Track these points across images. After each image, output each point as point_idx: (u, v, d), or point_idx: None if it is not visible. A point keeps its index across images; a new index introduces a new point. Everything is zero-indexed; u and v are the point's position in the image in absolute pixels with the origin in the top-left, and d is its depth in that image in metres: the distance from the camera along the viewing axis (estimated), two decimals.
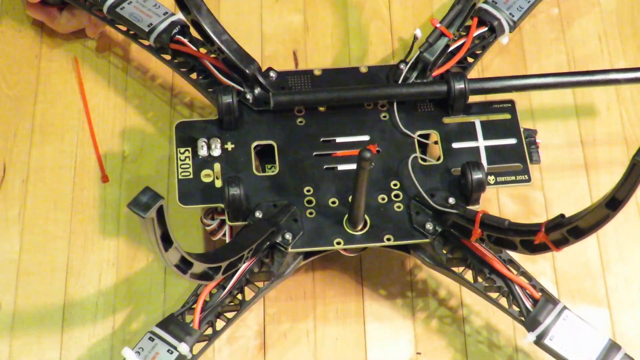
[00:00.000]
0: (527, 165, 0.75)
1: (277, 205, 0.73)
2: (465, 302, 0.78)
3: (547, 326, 0.71)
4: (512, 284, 0.72)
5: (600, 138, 0.86)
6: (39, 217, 0.82)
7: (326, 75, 0.79)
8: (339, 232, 0.73)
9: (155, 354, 0.69)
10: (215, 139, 0.75)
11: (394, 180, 0.75)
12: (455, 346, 0.77)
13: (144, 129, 0.85)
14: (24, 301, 0.78)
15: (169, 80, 0.87)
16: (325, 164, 0.75)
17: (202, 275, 0.68)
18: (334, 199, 0.74)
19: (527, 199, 0.83)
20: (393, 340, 0.78)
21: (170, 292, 0.79)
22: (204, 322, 0.71)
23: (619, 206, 0.61)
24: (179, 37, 0.80)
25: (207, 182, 0.74)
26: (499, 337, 0.78)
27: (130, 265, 0.80)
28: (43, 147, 0.84)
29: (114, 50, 0.89)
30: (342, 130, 0.76)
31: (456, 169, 0.74)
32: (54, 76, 0.88)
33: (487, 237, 0.70)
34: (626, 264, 0.81)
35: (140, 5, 0.81)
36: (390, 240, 0.72)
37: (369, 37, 0.90)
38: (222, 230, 0.75)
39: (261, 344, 0.77)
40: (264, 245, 0.72)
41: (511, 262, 0.73)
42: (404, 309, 0.79)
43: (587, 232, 0.64)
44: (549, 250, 0.67)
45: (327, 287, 0.80)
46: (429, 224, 0.73)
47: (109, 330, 0.77)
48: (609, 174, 0.84)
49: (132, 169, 0.84)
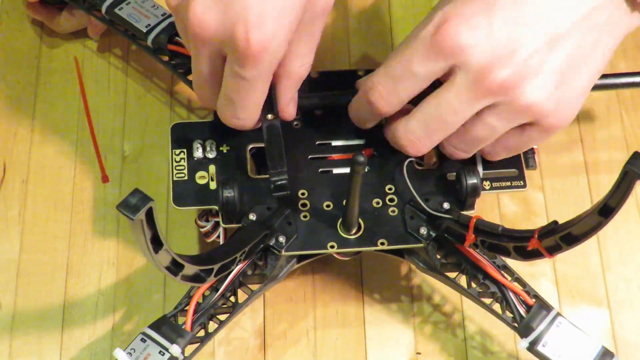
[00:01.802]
0: (523, 171, 0.75)
1: (271, 208, 0.73)
2: (473, 305, 0.77)
3: (541, 333, 0.70)
4: (506, 290, 0.72)
5: (601, 139, 0.85)
6: (39, 217, 0.82)
7: (323, 78, 0.79)
8: (333, 235, 0.73)
9: (147, 355, 0.69)
10: (210, 141, 0.75)
11: (389, 184, 0.74)
12: (458, 350, 0.77)
13: (144, 129, 0.86)
14: (24, 301, 0.79)
15: (169, 80, 0.87)
16: (320, 167, 0.75)
17: (194, 277, 0.68)
18: (329, 203, 0.74)
19: (527, 200, 0.83)
20: (393, 342, 0.77)
21: (170, 292, 0.79)
22: (197, 324, 0.71)
23: (611, 213, 0.61)
24: (177, 39, 0.80)
25: (202, 184, 0.74)
26: (498, 341, 0.77)
27: (130, 265, 0.80)
28: (43, 147, 0.85)
29: (114, 51, 0.89)
30: (337, 134, 0.76)
31: (451, 174, 0.74)
32: (54, 76, 0.88)
33: (481, 243, 0.70)
34: (626, 264, 0.81)
35: (139, 6, 0.81)
36: (384, 244, 0.72)
37: (369, 37, 0.90)
38: (217, 232, 0.75)
39: (261, 345, 0.77)
40: (258, 248, 0.72)
41: (505, 267, 0.72)
42: (404, 312, 0.78)
43: (580, 239, 0.63)
44: (542, 257, 0.66)
45: (327, 290, 0.79)
46: (423, 228, 0.72)
47: (108, 331, 0.78)
48: (609, 175, 0.84)
49: (132, 169, 0.84)
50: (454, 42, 0.64)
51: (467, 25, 0.64)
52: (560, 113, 0.67)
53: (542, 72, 0.65)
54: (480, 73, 0.64)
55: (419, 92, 0.68)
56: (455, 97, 0.66)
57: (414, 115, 0.68)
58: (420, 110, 0.68)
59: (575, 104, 0.67)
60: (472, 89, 0.65)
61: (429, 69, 0.66)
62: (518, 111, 0.66)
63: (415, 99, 0.69)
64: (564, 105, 0.66)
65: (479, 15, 0.64)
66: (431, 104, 0.67)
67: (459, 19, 0.64)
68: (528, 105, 0.65)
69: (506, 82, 0.64)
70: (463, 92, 0.65)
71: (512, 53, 0.64)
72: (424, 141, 0.69)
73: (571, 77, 0.66)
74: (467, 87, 0.65)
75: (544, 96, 0.65)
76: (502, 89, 0.64)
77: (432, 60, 0.65)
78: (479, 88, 0.65)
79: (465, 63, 0.64)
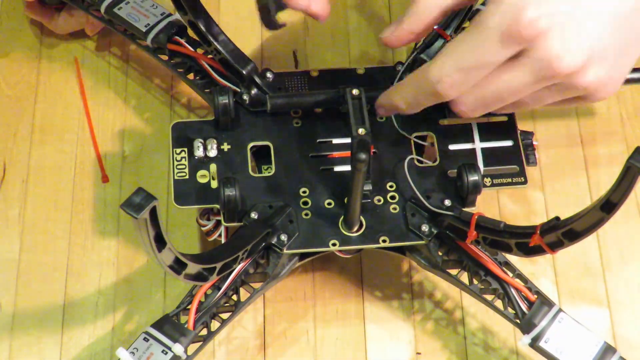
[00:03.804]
0: (524, 168, 0.75)
1: (273, 206, 0.73)
2: (474, 302, 0.78)
3: (543, 329, 0.70)
4: (508, 286, 0.72)
5: (601, 138, 0.85)
6: (39, 217, 0.82)
7: (323, 76, 0.79)
8: (334, 233, 0.73)
9: (150, 354, 0.69)
10: (211, 140, 0.75)
11: (390, 181, 0.74)
12: (459, 347, 0.77)
13: (144, 129, 0.86)
14: (24, 301, 0.79)
15: (169, 80, 0.87)
16: (322, 165, 0.75)
17: (196, 276, 0.68)
18: (330, 200, 0.74)
19: (527, 199, 0.83)
20: (393, 339, 0.78)
21: (170, 292, 0.79)
22: (199, 322, 0.71)
23: (613, 209, 0.61)
24: (176, 38, 0.80)
25: (203, 182, 0.74)
26: (499, 338, 0.77)
27: (130, 265, 0.80)
28: (43, 147, 0.85)
29: (114, 51, 0.89)
30: (338, 132, 0.76)
31: (452, 170, 0.74)
32: (54, 76, 0.88)
33: (483, 239, 0.70)
34: (626, 264, 0.81)
35: (138, 6, 0.81)
36: (385, 242, 0.72)
37: (369, 37, 0.90)
38: (218, 231, 0.75)
39: (261, 344, 0.77)
40: (260, 246, 0.72)
41: (507, 264, 0.73)
42: (405, 310, 0.78)
43: (582, 234, 0.63)
44: (544, 253, 0.66)
45: (327, 288, 0.79)
46: (425, 225, 0.72)
47: (109, 330, 0.78)
48: (609, 174, 0.84)
49: (132, 169, 0.84)
50: (533, 29, 0.65)
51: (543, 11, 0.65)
52: (609, 88, 0.68)
53: (604, 56, 0.66)
54: (550, 59, 0.65)
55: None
56: (520, 79, 0.67)
57: (471, 92, 0.69)
58: (479, 89, 0.68)
59: (624, 76, 0.69)
60: (539, 73, 0.66)
61: (504, 55, 0.66)
62: (574, 88, 0.68)
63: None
64: (614, 80, 0.68)
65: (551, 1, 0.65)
66: (492, 84, 0.68)
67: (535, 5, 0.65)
68: (585, 86, 0.67)
69: (572, 68, 0.66)
70: (529, 75, 0.66)
71: (581, 39, 0.65)
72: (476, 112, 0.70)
73: (623, 58, 0.68)
74: (535, 71, 0.66)
75: (601, 78, 0.67)
76: (568, 74, 0.66)
77: (508, 48, 0.66)
78: (546, 73, 0.66)
79: (537, 48, 0.65)
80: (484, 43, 0.66)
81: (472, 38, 0.67)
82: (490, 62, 0.66)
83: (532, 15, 0.64)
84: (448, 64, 0.68)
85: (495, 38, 0.66)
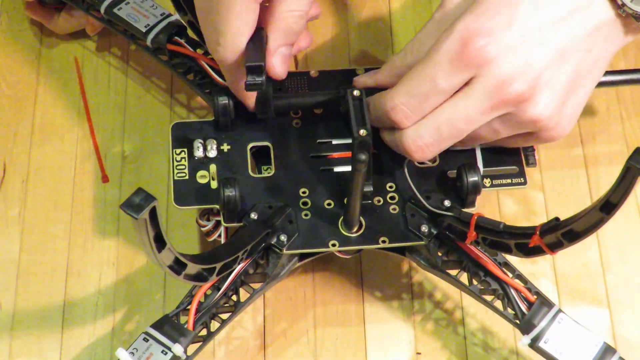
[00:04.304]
0: (523, 168, 0.75)
1: (273, 206, 0.73)
2: (473, 302, 0.77)
3: (542, 329, 0.70)
4: (507, 287, 0.72)
5: (600, 138, 0.85)
6: (39, 217, 0.82)
7: (323, 77, 0.79)
8: (334, 233, 0.73)
9: (150, 354, 0.69)
10: (211, 140, 0.75)
11: (389, 182, 0.74)
12: (459, 347, 0.77)
13: (144, 129, 0.86)
14: (24, 301, 0.79)
15: (169, 80, 0.87)
16: (321, 166, 0.75)
17: (196, 276, 0.68)
18: (330, 201, 0.74)
19: (527, 199, 0.83)
20: (393, 340, 0.78)
21: (170, 291, 0.79)
22: (199, 323, 0.71)
23: (613, 209, 0.61)
24: (176, 38, 0.80)
25: (203, 183, 0.74)
26: (498, 338, 0.77)
27: (130, 265, 0.80)
28: (43, 147, 0.85)
29: (114, 51, 0.89)
30: (338, 132, 0.76)
31: (452, 171, 0.74)
32: (54, 76, 0.88)
33: (482, 240, 0.70)
34: (626, 264, 0.81)
35: (138, 6, 0.81)
36: (385, 242, 0.72)
37: (369, 37, 0.90)
38: (218, 232, 0.75)
39: (261, 344, 0.77)
40: (259, 247, 0.72)
41: (506, 264, 0.73)
42: (405, 310, 0.78)
43: (582, 235, 0.64)
44: (543, 254, 0.66)
45: (327, 289, 0.79)
46: (425, 226, 0.73)
47: (108, 330, 0.78)
48: (609, 174, 0.84)
49: (132, 169, 0.84)
50: (481, 56, 0.66)
51: (492, 39, 0.66)
52: (561, 127, 0.70)
53: (552, 86, 0.68)
54: (499, 85, 0.67)
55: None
56: (471, 106, 0.68)
57: (424, 122, 0.69)
58: (433, 118, 0.69)
59: (575, 116, 0.71)
60: (490, 100, 0.67)
61: (455, 82, 0.68)
62: (525, 122, 0.69)
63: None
64: (566, 119, 0.70)
65: (502, 29, 0.67)
66: (445, 112, 0.69)
67: (485, 33, 0.66)
68: (536, 118, 0.68)
69: (521, 94, 0.67)
70: (480, 102, 0.68)
71: (529, 67, 0.67)
72: (432, 148, 0.70)
73: (576, 90, 0.70)
74: (485, 97, 0.67)
75: (551, 110, 0.68)
76: (517, 101, 0.67)
77: (458, 75, 0.67)
78: (496, 99, 0.67)
79: (486, 74, 0.67)
80: (435, 69, 0.67)
81: (425, 66, 0.68)
82: (442, 89, 0.68)
83: (482, 42, 0.66)
84: (402, 91, 0.69)
85: (445, 64, 0.67)
